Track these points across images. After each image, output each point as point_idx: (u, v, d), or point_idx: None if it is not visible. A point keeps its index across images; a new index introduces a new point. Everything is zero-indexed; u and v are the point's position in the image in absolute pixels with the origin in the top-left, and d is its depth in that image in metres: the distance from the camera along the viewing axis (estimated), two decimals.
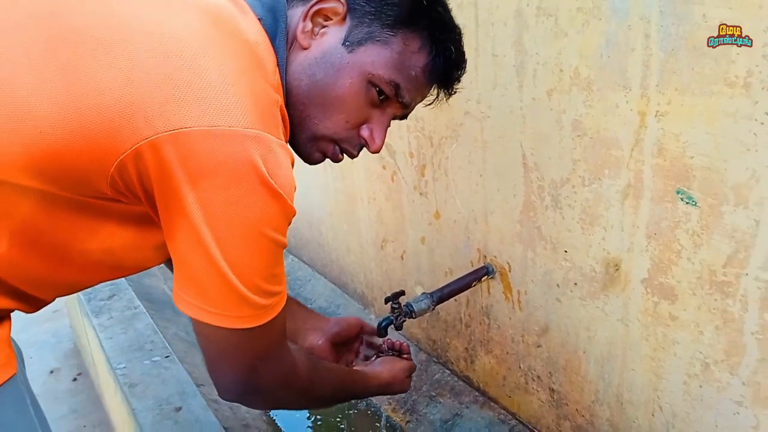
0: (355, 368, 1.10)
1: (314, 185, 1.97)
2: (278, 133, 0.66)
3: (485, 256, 1.31)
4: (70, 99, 0.59)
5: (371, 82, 0.77)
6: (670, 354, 0.98)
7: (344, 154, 0.84)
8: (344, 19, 0.76)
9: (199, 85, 0.61)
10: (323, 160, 0.85)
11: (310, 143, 0.82)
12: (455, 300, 1.36)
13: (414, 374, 1.57)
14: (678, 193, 0.89)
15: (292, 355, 0.82)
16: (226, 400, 0.81)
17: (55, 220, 0.67)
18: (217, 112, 0.60)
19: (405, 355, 1.17)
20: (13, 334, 0.79)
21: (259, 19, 0.73)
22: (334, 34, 0.76)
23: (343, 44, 0.75)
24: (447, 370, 1.55)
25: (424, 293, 1.22)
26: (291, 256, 2.29)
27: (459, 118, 1.26)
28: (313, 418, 1.62)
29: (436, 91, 0.86)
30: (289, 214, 0.67)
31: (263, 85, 0.67)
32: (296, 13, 0.77)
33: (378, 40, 0.76)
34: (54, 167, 0.61)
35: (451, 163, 1.33)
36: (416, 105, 0.86)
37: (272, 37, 0.73)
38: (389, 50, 0.76)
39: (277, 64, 0.73)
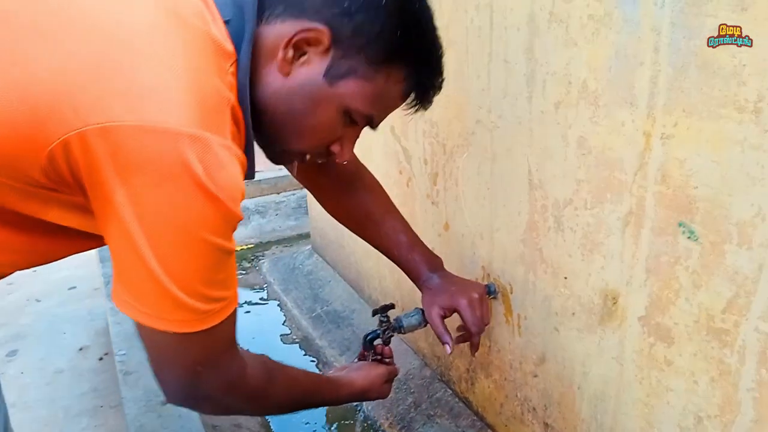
0: (327, 375, 1.06)
1: None
2: (223, 133, 0.62)
3: (489, 275, 1.24)
4: (1, 83, 0.58)
5: (347, 112, 0.76)
6: (663, 402, 0.88)
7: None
8: (328, 50, 0.71)
9: (136, 78, 0.58)
10: (291, 164, 0.82)
11: (279, 152, 0.81)
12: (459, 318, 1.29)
13: (416, 389, 1.51)
14: (680, 225, 0.80)
15: (241, 361, 0.79)
16: (172, 404, 0.78)
17: (7, 203, 0.66)
18: (151, 107, 0.57)
19: (387, 359, 1.11)
20: (53, 308, 0.80)
21: (226, 21, 0.69)
22: (315, 65, 0.72)
23: (324, 76, 0.72)
24: (449, 390, 1.49)
25: (416, 308, 1.15)
26: (315, 255, 2.27)
27: (471, 126, 1.19)
28: (307, 425, 1.59)
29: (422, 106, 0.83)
30: (230, 218, 0.63)
31: (213, 81, 0.63)
32: (273, 31, 0.71)
33: (360, 76, 0.73)
34: None
35: (462, 173, 1.26)
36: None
37: (236, 38, 0.69)
38: (371, 86, 0.74)
39: (236, 64, 0.69)
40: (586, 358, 1.02)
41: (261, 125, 0.74)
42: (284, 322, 2.09)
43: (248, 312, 2.20)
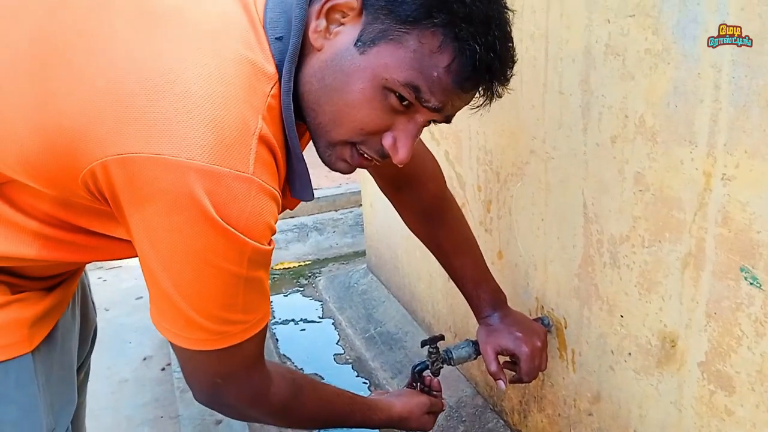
0: (366, 397, 1.06)
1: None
2: (241, 166, 0.61)
3: (542, 307, 1.21)
4: (39, 118, 0.61)
5: (387, 88, 0.67)
6: None
7: (367, 159, 0.74)
8: (359, 15, 0.66)
9: (153, 110, 0.59)
10: (351, 169, 0.76)
11: (328, 150, 0.73)
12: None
13: (467, 418, 1.49)
14: (742, 270, 0.76)
15: (265, 377, 0.81)
16: (200, 403, 0.83)
17: (75, 216, 0.71)
18: (164, 139, 0.58)
19: (435, 392, 1.10)
20: (120, 317, 0.86)
21: (277, 38, 0.67)
22: (347, 34, 0.67)
23: (354, 45, 0.66)
24: (501, 421, 1.46)
25: (467, 340, 1.14)
26: (371, 275, 2.28)
27: (525, 156, 1.17)
28: None
29: (483, 94, 0.72)
30: (245, 249, 0.63)
31: (238, 110, 0.62)
32: (311, 12, 0.69)
33: (391, 39, 0.65)
34: (42, 177, 0.64)
35: (516, 202, 1.24)
36: (457, 110, 0.73)
37: (280, 58, 0.67)
38: (403, 49, 0.65)
39: (279, 87, 0.67)
40: (643, 400, 0.98)
41: (308, 123, 0.72)
42: (338, 341, 2.10)
43: (303, 330, 2.23)
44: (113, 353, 2.45)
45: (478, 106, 0.74)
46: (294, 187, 0.73)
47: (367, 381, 1.86)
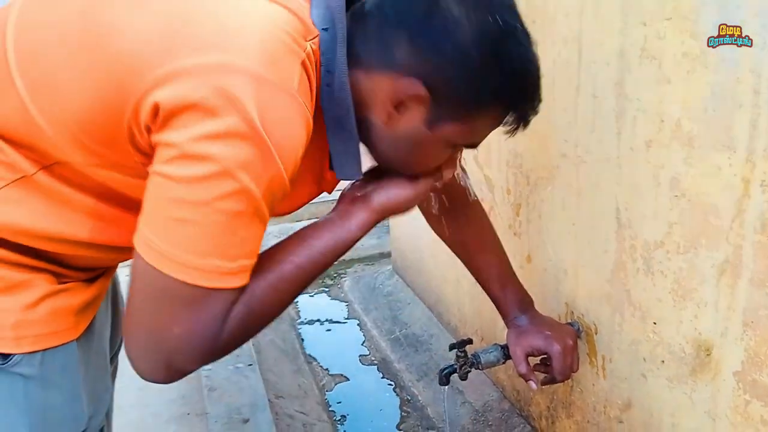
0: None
1: None
2: (288, 82, 0.62)
3: (572, 312, 1.20)
4: (90, 74, 0.63)
5: (450, 144, 0.76)
6: None
7: None
8: (426, 101, 0.71)
9: (200, 29, 0.62)
10: None
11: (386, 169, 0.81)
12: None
13: (494, 422, 1.48)
14: None
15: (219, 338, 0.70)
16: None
17: (125, 195, 0.71)
18: (213, 50, 0.60)
19: None
20: None
21: (324, 28, 0.69)
22: (415, 116, 0.72)
23: (424, 125, 0.73)
24: (528, 426, 1.45)
25: (495, 344, 1.13)
26: (396, 277, 2.28)
27: (556, 160, 1.16)
28: None
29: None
30: (269, 164, 0.61)
31: (287, 40, 0.64)
32: (367, 81, 0.71)
33: (458, 120, 0.73)
34: (94, 138, 0.65)
35: (546, 205, 1.23)
36: None
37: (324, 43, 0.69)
38: (469, 126, 0.74)
39: (320, 47, 0.69)
40: (676, 409, 0.96)
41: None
42: (363, 342, 2.11)
43: (329, 330, 2.24)
44: None
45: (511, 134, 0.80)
46: (334, 162, 0.74)
47: (392, 383, 1.86)
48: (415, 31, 0.68)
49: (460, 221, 1.09)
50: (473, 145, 0.79)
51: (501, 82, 0.71)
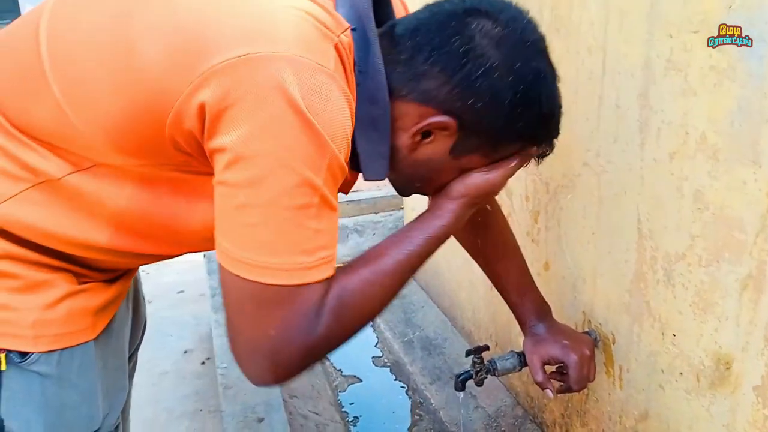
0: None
1: None
2: (325, 62, 0.63)
3: (590, 322, 1.20)
4: (122, 77, 0.64)
5: (466, 170, 0.79)
6: None
7: None
8: (453, 134, 0.74)
9: (232, 23, 0.63)
10: None
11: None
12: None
13: (507, 428, 1.48)
14: None
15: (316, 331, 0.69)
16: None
17: (155, 198, 0.72)
18: (248, 41, 0.61)
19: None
20: (161, 310, 0.85)
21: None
22: (440, 144, 0.74)
23: (449, 153, 0.75)
24: None
25: (512, 351, 1.14)
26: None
27: (577, 168, 1.16)
28: None
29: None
30: (324, 149, 0.62)
31: (318, 27, 0.65)
32: (399, 107, 0.73)
33: (483, 153, 0.76)
34: (131, 141, 0.66)
35: (565, 214, 1.23)
36: None
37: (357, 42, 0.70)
38: (490, 158, 0.78)
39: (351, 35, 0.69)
40: (694, 421, 0.96)
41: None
42: (376, 344, 2.11)
43: None
44: (154, 346, 2.51)
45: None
46: (362, 162, 0.74)
47: (405, 385, 1.86)
48: (451, 68, 0.69)
49: (480, 227, 1.10)
50: None
51: (529, 123, 0.74)
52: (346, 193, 0.83)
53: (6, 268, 0.71)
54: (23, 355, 0.72)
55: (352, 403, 1.81)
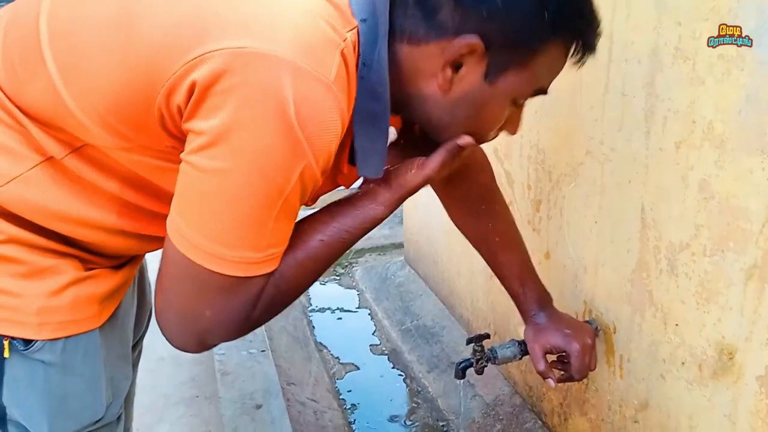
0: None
1: (436, 203, 1.93)
2: (326, 72, 0.62)
3: (591, 311, 1.20)
4: (121, 56, 0.63)
5: (515, 100, 0.74)
6: None
7: None
8: (483, 55, 0.70)
9: (237, 14, 0.61)
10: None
11: (434, 145, 0.78)
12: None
13: (504, 417, 1.48)
14: None
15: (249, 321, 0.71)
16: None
17: (144, 185, 0.71)
18: (251, 36, 0.59)
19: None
20: None
21: (362, 19, 0.69)
22: (474, 73, 0.70)
23: (484, 80, 0.71)
24: (539, 421, 1.45)
25: (512, 340, 1.13)
26: (408, 267, 2.28)
27: (580, 157, 1.16)
28: None
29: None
30: (300, 157, 0.61)
31: (324, 28, 0.64)
32: (417, 53, 0.70)
33: (518, 65, 0.71)
34: (122, 120, 0.65)
35: (567, 202, 1.23)
36: None
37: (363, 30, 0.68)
38: (531, 70, 0.72)
39: (357, 33, 0.68)
40: (695, 411, 0.96)
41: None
42: (374, 332, 2.11)
43: (340, 319, 2.24)
44: (151, 331, 2.48)
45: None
46: (358, 158, 0.72)
47: (402, 373, 1.86)
48: None
49: (484, 215, 1.09)
50: (542, 91, 0.76)
51: (555, 12, 0.68)
52: (347, 187, 0.82)
53: (11, 253, 0.69)
54: (27, 342, 0.71)
55: (350, 391, 1.81)
